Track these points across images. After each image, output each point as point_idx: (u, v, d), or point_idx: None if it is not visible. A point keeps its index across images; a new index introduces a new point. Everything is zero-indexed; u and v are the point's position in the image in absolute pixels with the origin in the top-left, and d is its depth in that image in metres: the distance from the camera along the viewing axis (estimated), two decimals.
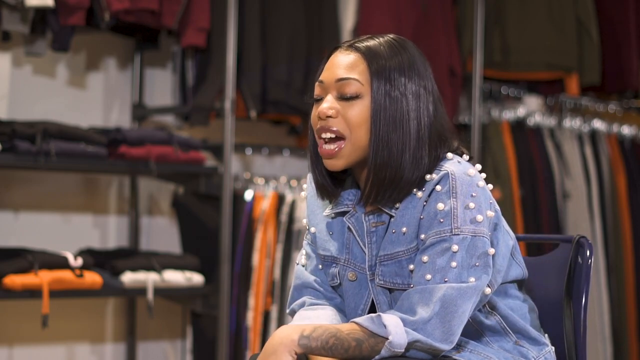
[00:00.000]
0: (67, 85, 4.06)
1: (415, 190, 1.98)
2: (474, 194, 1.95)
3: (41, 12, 3.62)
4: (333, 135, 1.99)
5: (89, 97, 4.11)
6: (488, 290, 1.97)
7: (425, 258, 1.93)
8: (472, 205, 1.94)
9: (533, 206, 4.80)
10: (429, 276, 1.91)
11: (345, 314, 2.11)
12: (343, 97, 1.99)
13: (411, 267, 1.96)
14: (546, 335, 2.13)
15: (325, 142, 2.00)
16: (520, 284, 2.12)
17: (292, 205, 4.12)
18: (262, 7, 4.18)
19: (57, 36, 3.65)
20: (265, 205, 4.08)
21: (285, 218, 4.10)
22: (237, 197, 4.09)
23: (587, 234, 4.81)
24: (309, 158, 2.08)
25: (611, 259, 5.05)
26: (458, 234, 1.92)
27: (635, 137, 5.33)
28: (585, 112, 5.31)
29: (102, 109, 4.16)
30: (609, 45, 5.10)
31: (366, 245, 2.04)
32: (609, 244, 5.05)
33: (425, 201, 1.96)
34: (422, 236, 1.95)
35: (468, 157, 2.04)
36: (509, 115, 4.87)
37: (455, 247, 1.91)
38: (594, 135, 5.14)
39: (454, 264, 1.91)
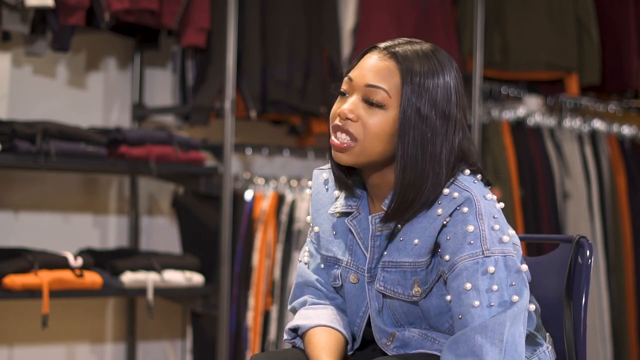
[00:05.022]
0: (67, 85, 4.06)
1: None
2: (495, 216, 1.95)
3: (41, 12, 3.62)
4: (348, 138, 1.96)
5: (89, 97, 4.11)
6: (532, 307, 1.98)
7: (468, 285, 1.90)
8: (496, 227, 1.93)
9: (533, 206, 4.80)
10: (477, 302, 1.90)
11: (347, 314, 2.11)
12: (367, 103, 1.95)
13: (448, 297, 1.94)
14: (548, 334, 2.13)
15: (337, 136, 1.97)
16: None
17: (292, 205, 4.12)
18: (262, 7, 4.18)
19: (57, 36, 3.65)
20: (265, 205, 4.08)
21: (285, 218, 4.10)
22: (237, 197, 4.09)
23: (587, 234, 4.81)
24: (329, 148, 2.04)
25: (611, 259, 5.05)
26: (489, 256, 1.91)
27: (635, 137, 5.33)
28: (585, 112, 5.31)
29: (102, 109, 4.16)
30: (609, 45, 5.10)
31: (368, 248, 2.03)
32: (609, 244, 5.05)
33: (446, 220, 1.94)
34: (447, 257, 1.93)
35: (481, 177, 2.01)
36: (509, 115, 4.87)
37: (491, 269, 1.90)
38: (594, 135, 5.14)
39: (495, 287, 1.90)
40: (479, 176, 2.00)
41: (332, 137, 1.98)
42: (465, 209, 1.93)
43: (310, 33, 4.29)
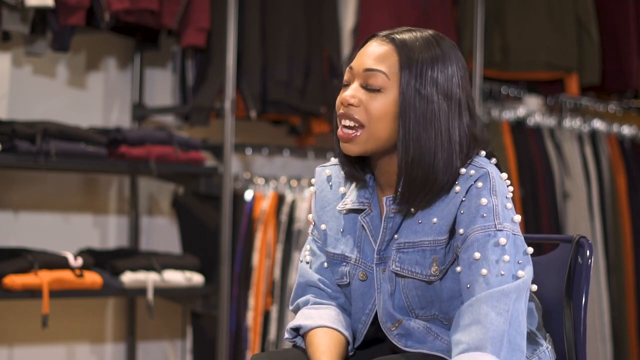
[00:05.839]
0: (67, 85, 4.06)
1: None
2: (507, 196, 1.97)
3: (41, 12, 3.62)
4: (353, 124, 1.97)
5: (89, 97, 4.11)
6: (535, 287, 1.99)
7: (477, 255, 1.92)
8: (509, 205, 1.96)
9: (533, 206, 4.80)
10: (484, 271, 1.91)
11: (350, 314, 2.11)
12: (367, 88, 1.97)
13: (458, 269, 1.95)
14: (548, 334, 2.13)
15: (345, 127, 1.99)
16: None
17: (292, 205, 4.12)
18: (262, 7, 4.18)
19: (57, 36, 3.65)
20: (265, 205, 4.08)
21: (285, 218, 4.10)
22: (237, 197, 4.09)
23: (587, 234, 4.81)
24: (335, 142, 2.05)
25: (611, 259, 5.05)
26: (502, 230, 1.93)
27: (635, 137, 5.33)
28: (585, 112, 5.31)
29: (102, 109, 4.16)
30: (609, 45, 5.10)
31: (380, 229, 2.02)
32: (609, 244, 5.05)
33: (464, 197, 1.95)
34: (461, 231, 1.94)
35: (495, 161, 2.03)
36: (509, 115, 4.87)
37: (503, 241, 1.92)
38: (594, 135, 5.14)
39: (506, 257, 1.92)
40: (493, 160, 2.02)
41: (339, 128, 2.00)
42: (480, 184, 1.95)
43: (310, 33, 4.29)
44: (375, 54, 1.98)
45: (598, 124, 5.17)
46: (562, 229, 4.86)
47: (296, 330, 2.09)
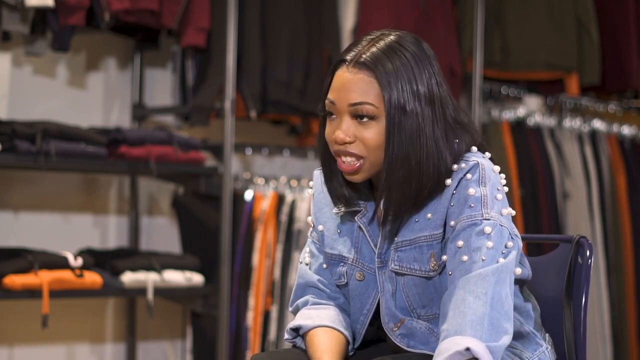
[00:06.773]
0: (67, 85, 4.06)
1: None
2: (499, 188, 1.97)
3: (41, 12, 3.62)
4: (353, 159, 1.97)
5: (89, 97, 4.11)
6: (519, 271, 1.98)
7: (460, 243, 1.92)
8: (499, 197, 1.95)
9: (533, 206, 4.80)
10: (465, 257, 1.91)
11: (349, 314, 2.11)
12: (357, 118, 1.95)
13: (444, 257, 1.96)
14: (547, 334, 2.13)
15: (343, 160, 1.97)
16: (523, 283, 2.12)
17: (292, 205, 4.12)
18: (262, 7, 4.18)
19: (57, 36, 3.65)
20: (265, 205, 4.08)
21: (285, 218, 4.10)
22: (237, 197, 4.09)
23: (587, 234, 4.81)
24: (324, 169, 2.05)
25: (611, 259, 5.05)
26: (488, 219, 1.92)
27: (635, 137, 5.33)
28: (585, 112, 5.31)
29: (102, 109, 4.16)
30: (609, 45, 5.10)
31: (379, 237, 2.02)
32: (609, 244, 5.05)
33: (454, 189, 1.96)
34: (452, 223, 1.95)
35: (489, 155, 2.03)
36: (509, 115, 4.87)
37: (488, 229, 1.91)
38: (594, 135, 5.14)
39: (489, 243, 1.91)
40: (487, 153, 2.02)
41: (339, 161, 1.99)
42: (469, 176, 1.95)
43: (310, 33, 4.29)
44: (356, 85, 1.95)
45: (598, 124, 5.17)
46: (562, 229, 4.86)
47: (296, 330, 2.09)
